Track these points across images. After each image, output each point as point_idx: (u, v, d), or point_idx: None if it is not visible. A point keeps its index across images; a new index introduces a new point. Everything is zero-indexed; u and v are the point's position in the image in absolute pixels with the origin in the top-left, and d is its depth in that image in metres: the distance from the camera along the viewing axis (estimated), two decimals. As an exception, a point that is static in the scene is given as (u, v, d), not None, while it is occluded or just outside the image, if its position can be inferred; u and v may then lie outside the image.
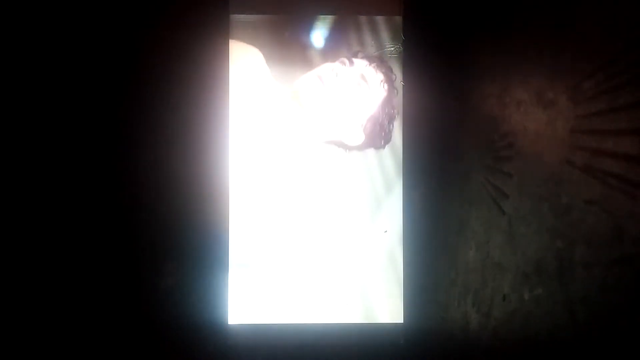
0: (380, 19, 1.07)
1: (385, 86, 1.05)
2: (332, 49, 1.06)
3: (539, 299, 0.57)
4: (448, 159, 0.91)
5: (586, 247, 0.49)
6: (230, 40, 1.03)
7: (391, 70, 1.05)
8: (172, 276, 0.96)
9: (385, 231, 1.05)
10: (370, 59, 1.05)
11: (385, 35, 1.07)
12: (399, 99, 1.05)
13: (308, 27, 1.07)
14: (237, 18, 1.04)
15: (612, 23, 0.46)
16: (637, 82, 0.43)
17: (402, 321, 1.02)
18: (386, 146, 1.06)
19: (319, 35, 1.06)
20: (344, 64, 1.04)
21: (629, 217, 0.43)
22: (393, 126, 1.05)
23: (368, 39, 1.07)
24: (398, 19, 1.07)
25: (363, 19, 1.07)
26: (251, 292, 1.03)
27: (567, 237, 0.52)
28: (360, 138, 1.05)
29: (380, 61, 1.05)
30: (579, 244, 0.50)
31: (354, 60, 1.05)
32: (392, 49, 1.07)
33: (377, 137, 1.05)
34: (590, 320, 0.48)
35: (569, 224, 0.51)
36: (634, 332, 0.43)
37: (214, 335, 0.98)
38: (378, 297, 1.04)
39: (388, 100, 1.05)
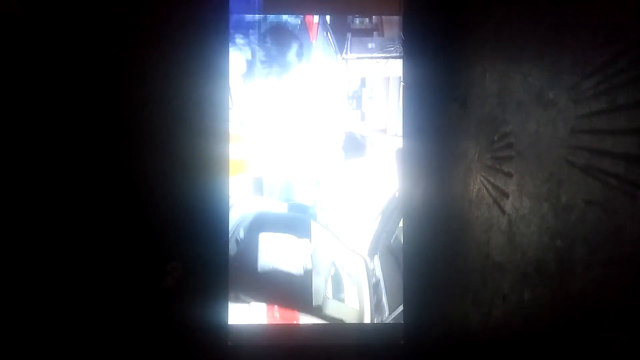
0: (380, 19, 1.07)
1: None
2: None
3: (539, 299, 0.57)
4: (448, 159, 0.91)
5: (586, 247, 0.49)
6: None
7: None
8: (173, 276, 0.96)
9: (386, 230, 1.05)
10: None
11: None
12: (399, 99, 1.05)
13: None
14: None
15: (612, 23, 0.46)
16: (637, 82, 0.43)
17: (402, 321, 1.02)
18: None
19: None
20: None
21: (629, 217, 0.43)
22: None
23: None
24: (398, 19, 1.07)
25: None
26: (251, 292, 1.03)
27: (567, 237, 0.52)
28: None
29: None
30: (579, 244, 0.50)
31: None
32: (392, 48, 1.07)
33: None
34: (590, 320, 0.48)
35: (569, 224, 0.51)
36: (634, 332, 0.43)
37: (214, 335, 0.98)
38: (376, 297, 1.04)
39: None
